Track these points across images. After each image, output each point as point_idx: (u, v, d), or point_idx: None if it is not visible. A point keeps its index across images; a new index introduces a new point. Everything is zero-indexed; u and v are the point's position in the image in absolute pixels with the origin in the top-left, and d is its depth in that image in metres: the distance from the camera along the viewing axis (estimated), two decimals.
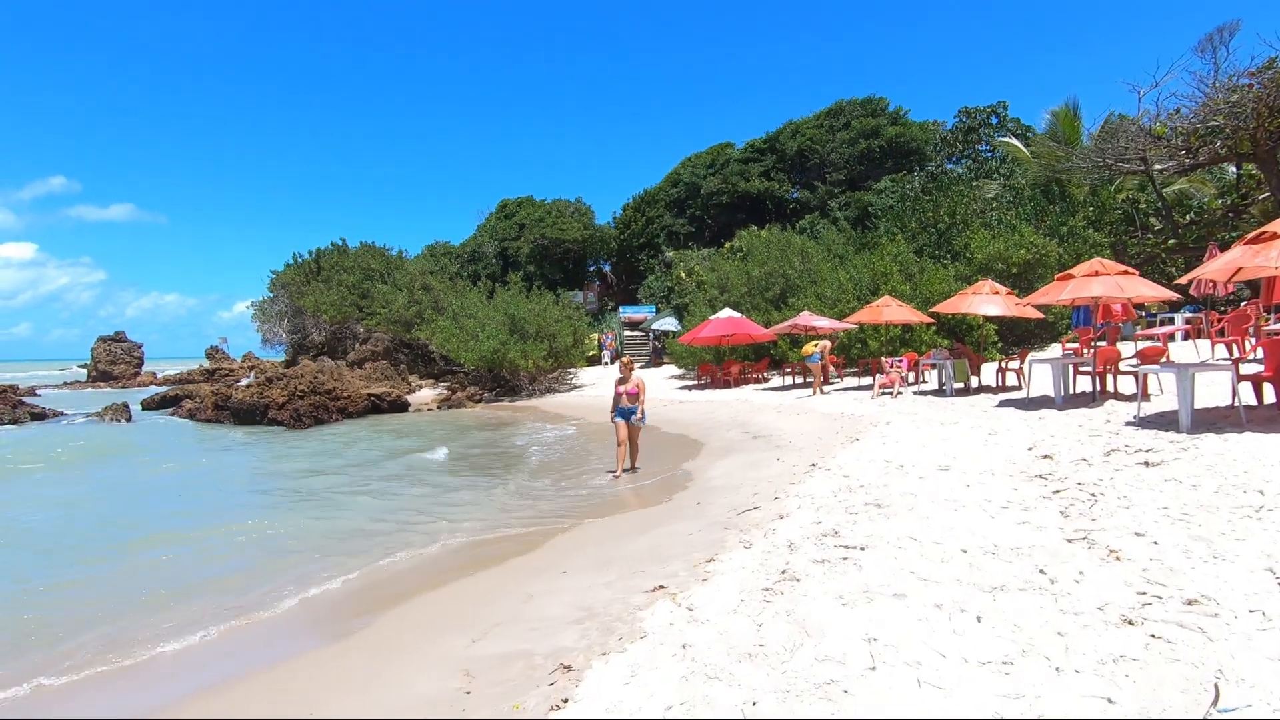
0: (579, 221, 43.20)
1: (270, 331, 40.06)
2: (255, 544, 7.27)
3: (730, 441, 11.70)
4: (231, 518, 8.47)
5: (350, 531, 7.59)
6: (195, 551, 7.07)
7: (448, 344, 28.41)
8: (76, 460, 14.31)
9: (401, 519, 8.10)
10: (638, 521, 6.93)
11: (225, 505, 9.55)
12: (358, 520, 8.11)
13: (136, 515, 9.07)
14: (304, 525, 7.97)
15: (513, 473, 10.90)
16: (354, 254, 41.51)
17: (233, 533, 7.72)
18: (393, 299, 34.26)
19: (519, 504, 8.63)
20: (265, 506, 9.40)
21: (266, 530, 7.77)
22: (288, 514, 8.66)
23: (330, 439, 17.05)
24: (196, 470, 12.89)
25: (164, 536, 7.65)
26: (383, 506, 8.89)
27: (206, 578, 6.16)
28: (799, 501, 6.27)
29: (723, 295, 27.12)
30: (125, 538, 7.72)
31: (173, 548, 7.17)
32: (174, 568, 6.56)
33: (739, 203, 41.51)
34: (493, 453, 13.45)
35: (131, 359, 51.92)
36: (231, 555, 6.91)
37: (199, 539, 7.56)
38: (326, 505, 9.15)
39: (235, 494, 10.51)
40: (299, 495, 9.95)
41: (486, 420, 20.33)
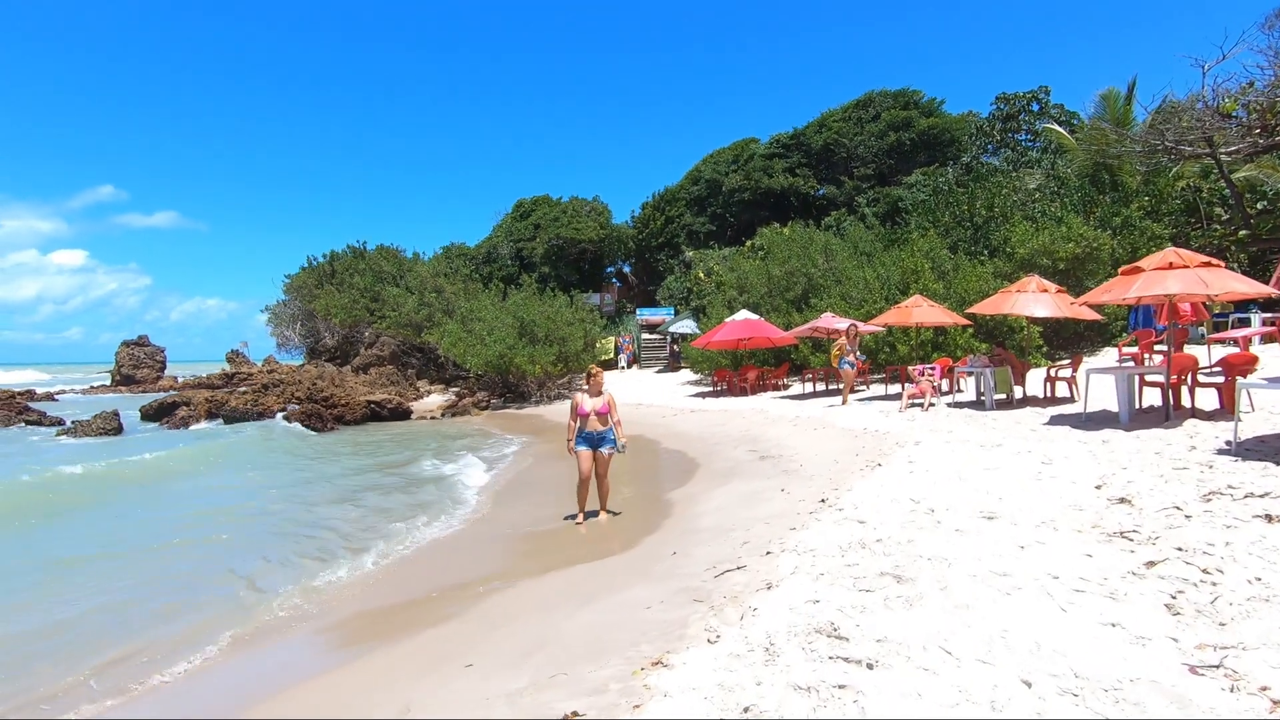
0: (595, 221, 41.92)
1: (283, 335, 39.55)
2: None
3: (733, 462, 10.20)
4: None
5: (166, 584, 6.30)
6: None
7: (454, 348, 27.36)
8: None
9: (283, 563, 6.79)
10: (591, 580, 5.50)
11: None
12: (185, 566, 6.82)
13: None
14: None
15: (457, 505, 9.54)
16: (369, 257, 40.88)
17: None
18: (403, 302, 33.39)
19: (452, 548, 7.29)
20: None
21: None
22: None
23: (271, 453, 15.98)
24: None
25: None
26: (255, 542, 7.61)
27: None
28: (795, 561, 4.79)
29: (741, 296, 25.56)
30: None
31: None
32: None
33: (762, 200, 39.83)
34: (438, 478, 12.13)
35: (154, 363, 52.02)
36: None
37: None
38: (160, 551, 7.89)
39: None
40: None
41: (470, 430, 19.08)
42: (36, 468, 12.24)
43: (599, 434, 7.59)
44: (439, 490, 10.46)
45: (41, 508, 9.54)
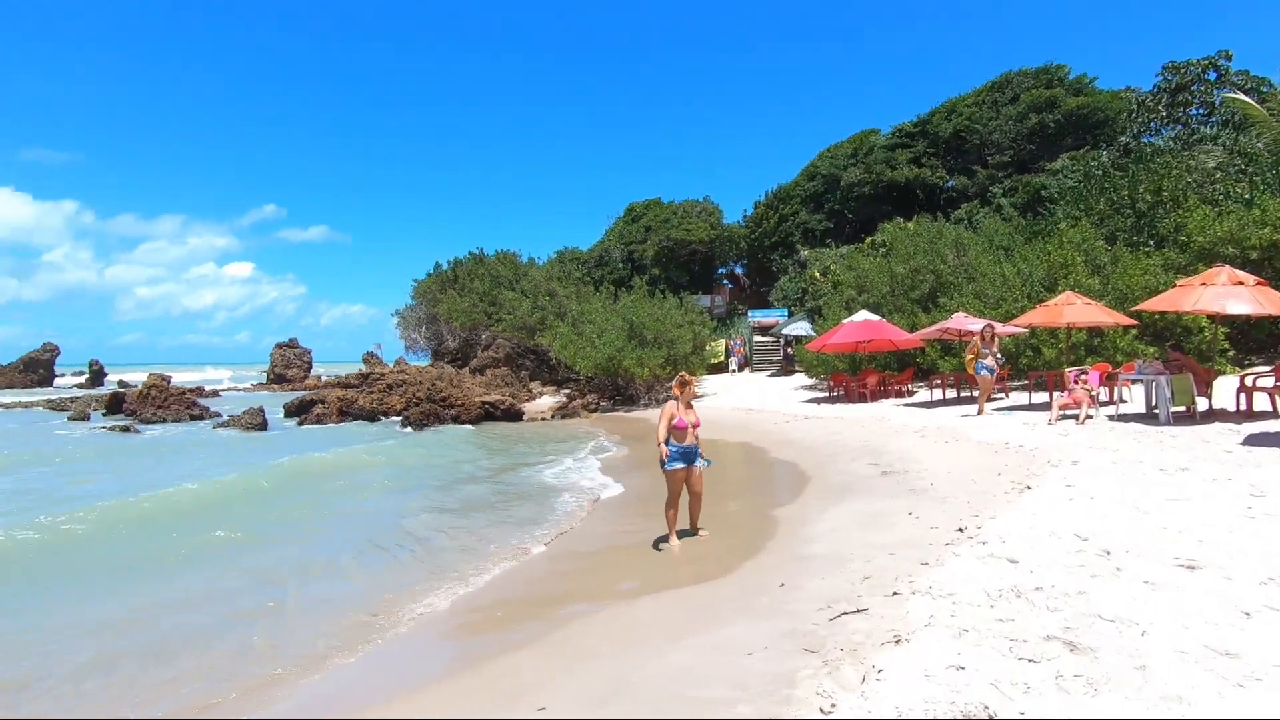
0: (706, 221, 41.20)
1: (409, 338, 41.87)
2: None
3: (851, 477, 9.22)
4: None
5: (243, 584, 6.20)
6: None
7: (565, 350, 27.67)
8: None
9: (346, 579, 6.63)
10: (685, 610, 4.89)
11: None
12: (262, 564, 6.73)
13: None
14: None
15: (553, 513, 9.18)
16: (487, 262, 42.49)
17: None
18: (518, 305, 34.30)
19: (542, 559, 6.91)
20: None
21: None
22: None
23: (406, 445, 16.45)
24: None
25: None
26: (335, 546, 7.52)
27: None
28: (930, 608, 3.96)
29: (861, 296, 24.01)
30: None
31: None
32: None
33: (884, 194, 37.52)
34: (535, 485, 11.85)
35: (302, 363, 56.93)
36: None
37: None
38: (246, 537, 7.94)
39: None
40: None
41: (577, 433, 18.94)
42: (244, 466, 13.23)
43: (695, 449, 6.97)
44: (536, 497, 10.24)
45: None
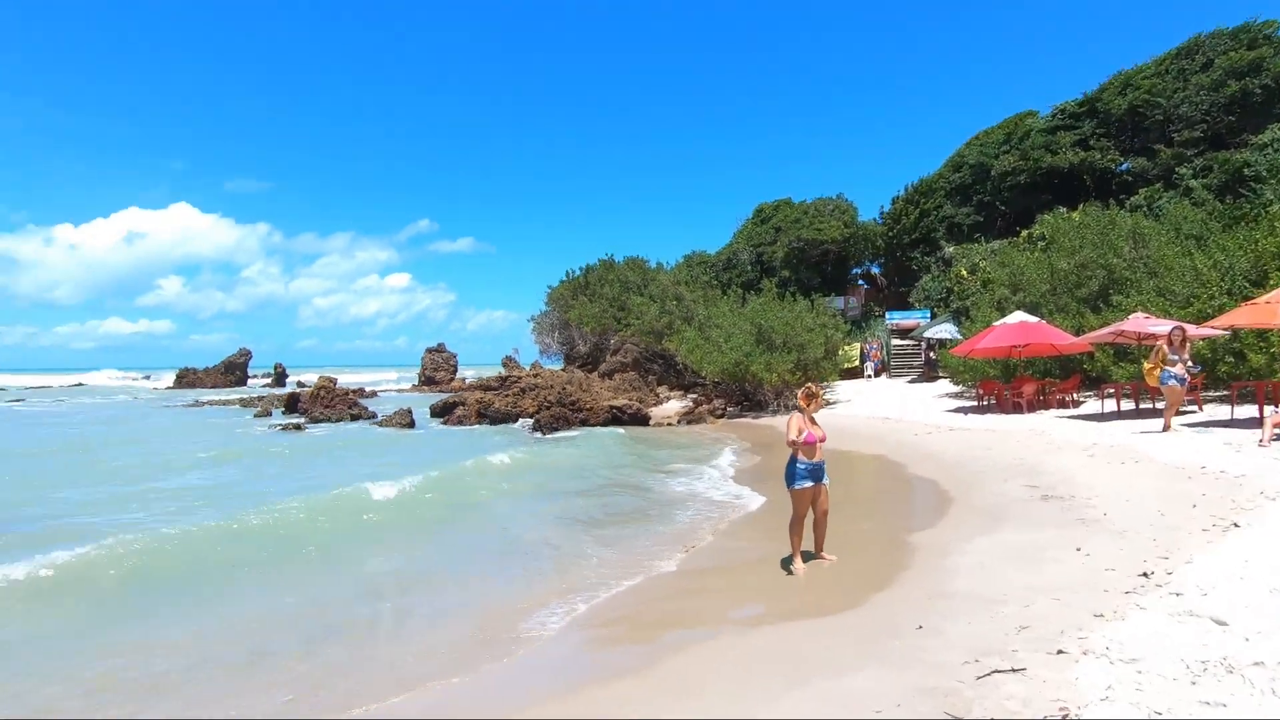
0: (839, 220, 39.40)
1: (543, 342, 43.54)
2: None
3: (1003, 499, 8.21)
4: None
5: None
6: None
7: (691, 354, 27.50)
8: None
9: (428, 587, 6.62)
10: (805, 647, 4.43)
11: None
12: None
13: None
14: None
15: (670, 524, 8.88)
16: (617, 268, 43.32)
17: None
18: (645, 310, 34.57)
19: (657, 575, 6.64)
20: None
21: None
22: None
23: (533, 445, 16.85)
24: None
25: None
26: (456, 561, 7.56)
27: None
28: (1109, 677, 3.28)
29: (1015, 295, 21.82)
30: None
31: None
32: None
33: (1042, 181, 33.98)
34: (668, 495, 11.57)
35: (449, 367, 61.11)
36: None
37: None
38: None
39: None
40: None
41: (702, 439, 18.57)
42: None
43: (823, 465, 6.48)
44: (670, 507, 10.07)
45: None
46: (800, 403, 6.59)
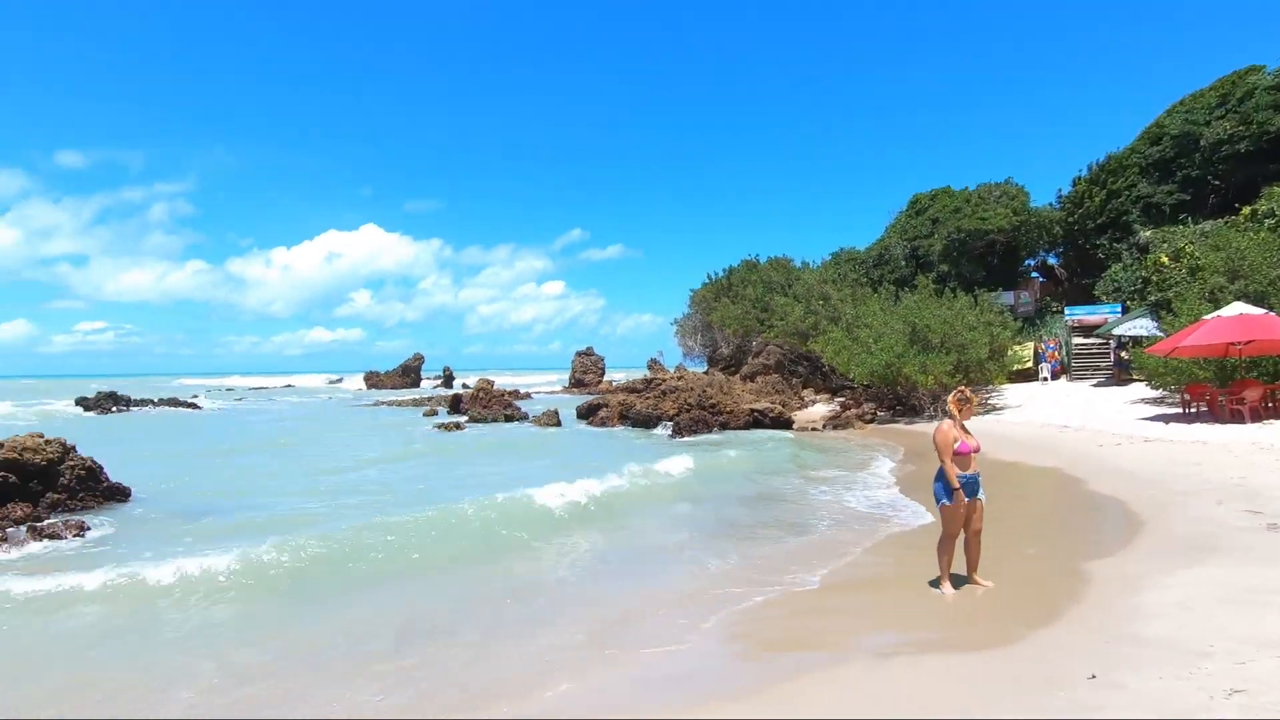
0: (1006, 207, 35.73)
1: (686, 345, 43.66)
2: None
3: (1212, 526, 6.87)
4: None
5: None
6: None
7: (838, 356, 26.26)
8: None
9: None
10: (948, 688, 3.89)
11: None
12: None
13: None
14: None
15: (808, 535, 8.30)
16: (760, 269, 42.50)
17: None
18: (790, 310, 33.55)
19: (792, 598, 6.19)
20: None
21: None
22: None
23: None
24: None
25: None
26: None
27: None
28: None
29: (1233, 284, 18.58)
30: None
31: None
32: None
33: (1269, 148, 28.65)
34: (802, 502, 10.89)
35: (597, 370, 63.25)
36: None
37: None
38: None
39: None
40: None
41: (848, 445, 17.48)
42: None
43: (977, 478, 5.77)
44: (799, 517, 9.57)
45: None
46: (951, 408, 5.92)
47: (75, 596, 6.00)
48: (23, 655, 5.09)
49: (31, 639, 5.39)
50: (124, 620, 5.68)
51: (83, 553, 8.00)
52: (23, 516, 9.01)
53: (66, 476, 10.18)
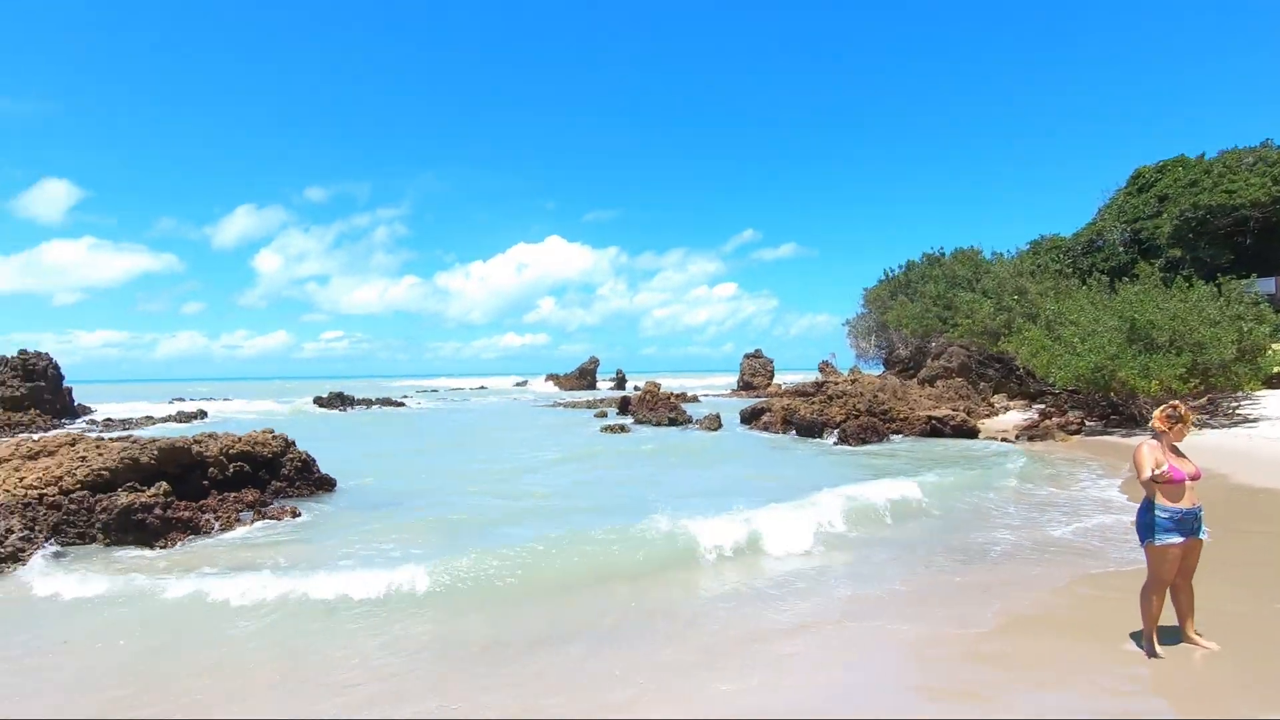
0: (1264, 176, 29.52)
1: (859, 347, 41.33)
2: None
3: None
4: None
5: None
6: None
7: (1035, 357, 23.31)
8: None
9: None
10: None
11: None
12: None
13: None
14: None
15: (989, 593, 7.22)
16: (944, 263, 39.12)
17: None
18: (977, 307, 30.43)
19: (934, 638, 5.42)
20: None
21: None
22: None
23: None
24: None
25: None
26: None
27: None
28: None
29: None
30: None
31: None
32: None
33: None
34: (991, 526, 9.56)
35: (766, 372, 62.08)
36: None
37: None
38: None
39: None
40: None
41: (1049, 458, 15.27)
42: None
43: (1197, 513, 4.69)
44: (989, 544, 8.53)
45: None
46: (1157, 425, 4.89)
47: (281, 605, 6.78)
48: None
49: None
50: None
51: (292, 536, 9.24)
52: (252, 501, 10.62)
53: (287, 468, 11.87)
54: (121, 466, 9.90)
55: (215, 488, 10.66)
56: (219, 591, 6.43)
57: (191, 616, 6.08)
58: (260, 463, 11.51)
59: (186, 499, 10.09)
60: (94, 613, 6.24)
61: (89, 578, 7.15)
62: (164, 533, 9.04)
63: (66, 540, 8.93)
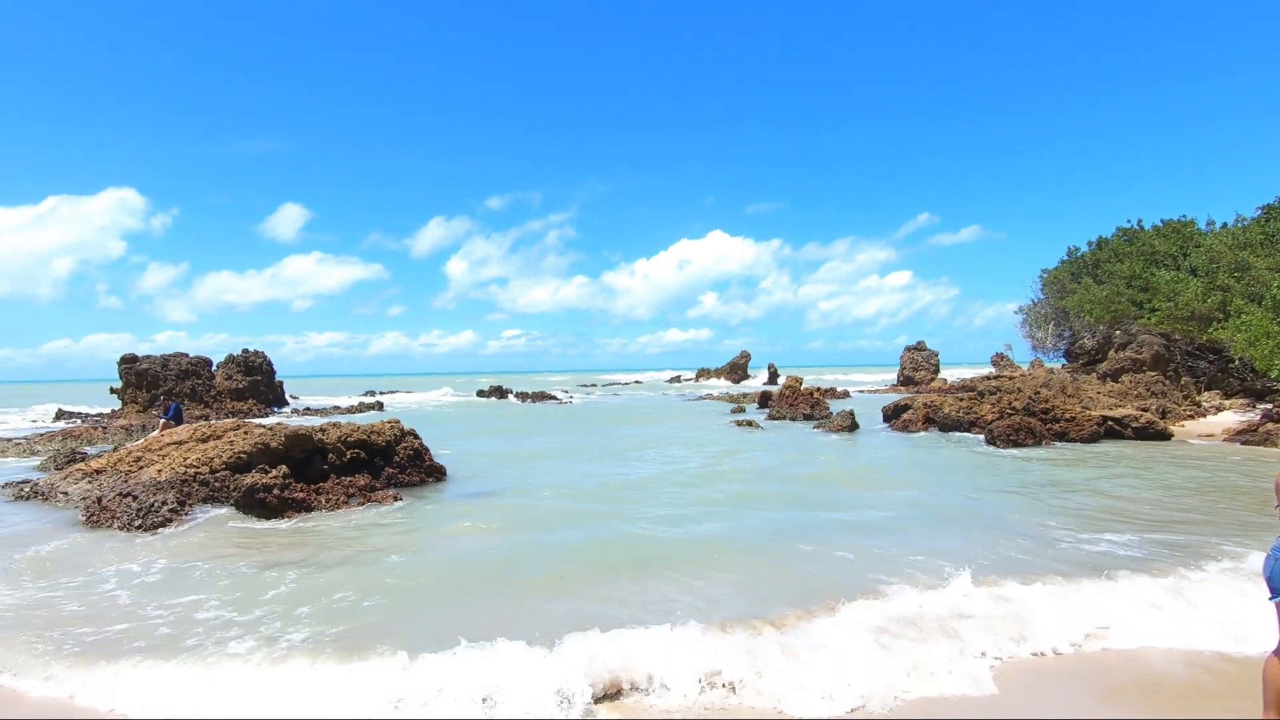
0: None
1: (1035, 337, 36.66)
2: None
3: None
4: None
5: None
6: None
7: (1253, 346, 19.28)
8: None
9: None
10: None
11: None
12: None
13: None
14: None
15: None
16: (1143, 237, 33.52)
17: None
18: (1181, 288, 25.70)
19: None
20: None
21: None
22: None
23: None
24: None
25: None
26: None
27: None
28: None
29: None
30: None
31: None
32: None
33: None
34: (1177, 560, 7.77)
35: (930, 366, 57.30)
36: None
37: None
38: None
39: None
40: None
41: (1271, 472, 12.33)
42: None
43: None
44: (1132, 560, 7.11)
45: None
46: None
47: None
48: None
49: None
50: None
51: (382, 520, 9.95)
52: (364, 485, 11.59)
53: (399, 455, 12.82)
54: (256, 451, 11.26)
55: (334, 472, 11.77)
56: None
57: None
58: (375, 450, 12.54)
59: (310, 481, 11.28)
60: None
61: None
62: (281, 510, 10.14)
63: (213, 510, 10.37)
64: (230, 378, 35.98)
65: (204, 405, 32.24)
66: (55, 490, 11.90)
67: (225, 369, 36.70)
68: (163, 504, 9.97)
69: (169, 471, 11.21)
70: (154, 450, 12.91)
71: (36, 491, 12.02)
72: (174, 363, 33.25)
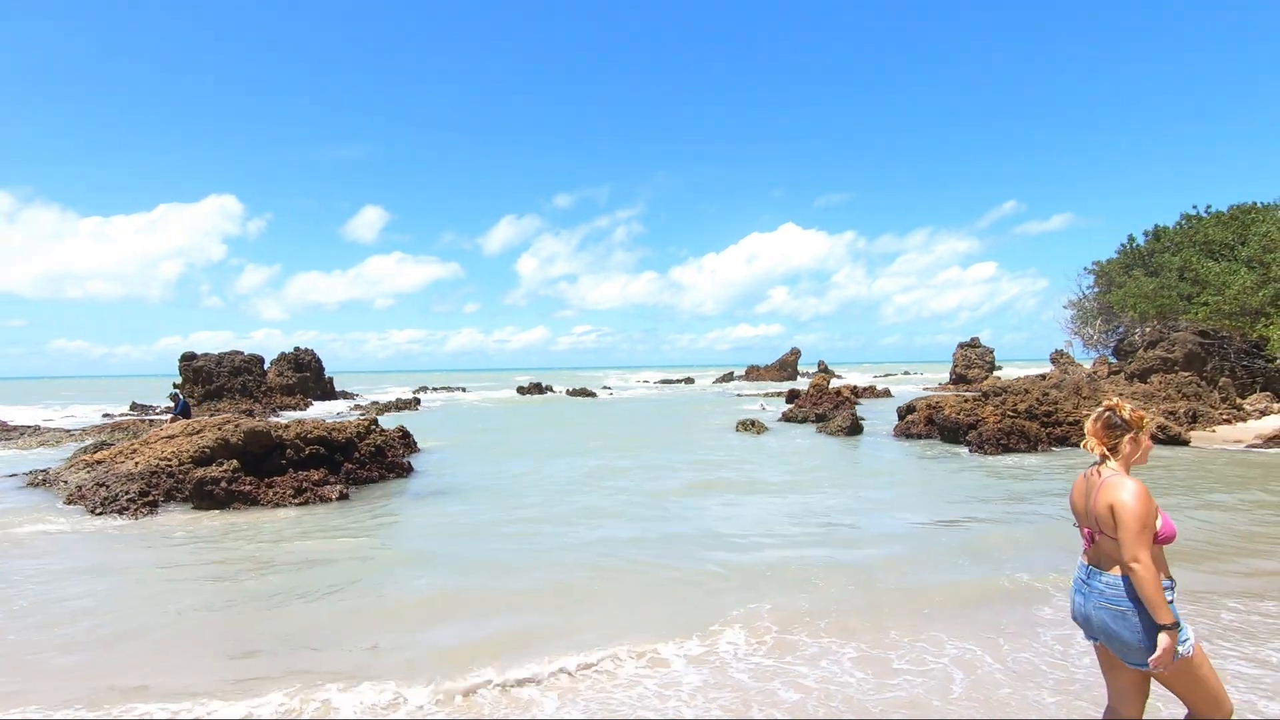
0: None
1: (1084, 333, 34.53)
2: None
3: None
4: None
5: None
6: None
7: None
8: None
9: None
10: None
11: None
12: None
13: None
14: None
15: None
16: (1203, 225, 31.01)
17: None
18: (1230, 280, 23.69)
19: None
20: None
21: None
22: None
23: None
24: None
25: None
26: None
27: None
28: None
29: None
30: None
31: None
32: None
33: None
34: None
35: (984, 363, 54.65)
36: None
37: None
38: None
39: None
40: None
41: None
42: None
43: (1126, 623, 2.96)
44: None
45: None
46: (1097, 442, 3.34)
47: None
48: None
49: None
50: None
51: (308, 516, 10.60)
52: (318, 480, 12.32)
53: (361, 451, 13.55)
54: (217, 445, 12.18)
55: (292, 466, 12.58)
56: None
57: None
58: (335, 446, 13.30)
59: (269, 475, 12.11)
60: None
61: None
62: (228, 502, 10.99)
63: (175, 502, 11.30)
64: (282, 374, 38.39)
65: (253, 400, 34.57)
66: (59, 478, 13.23)
67: (277, 366, 39.18)
68: (124, 494, 10.98)
69: (144, 464, 12.29)
70: (150, 444, 14.14)
71: (45, 479, 13.40)
72: (228, 360, 35.76)
